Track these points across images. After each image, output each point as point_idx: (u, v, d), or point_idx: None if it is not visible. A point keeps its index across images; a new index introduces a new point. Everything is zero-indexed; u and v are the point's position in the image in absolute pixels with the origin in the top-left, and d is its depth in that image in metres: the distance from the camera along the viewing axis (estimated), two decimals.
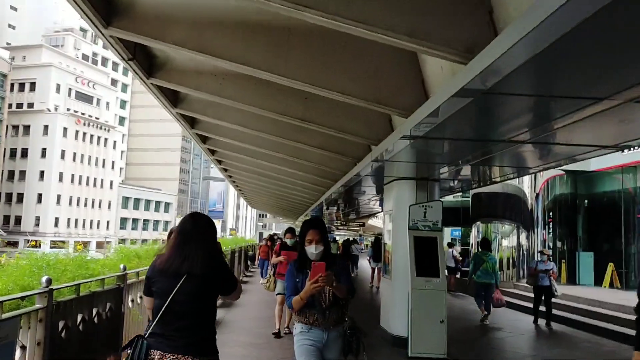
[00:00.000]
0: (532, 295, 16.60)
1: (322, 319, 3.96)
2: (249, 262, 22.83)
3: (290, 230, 9.61)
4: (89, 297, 4.76)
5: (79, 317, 4.51)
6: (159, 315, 3.15)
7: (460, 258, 20.16)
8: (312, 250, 3.98)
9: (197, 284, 3.17)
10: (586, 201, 19.60)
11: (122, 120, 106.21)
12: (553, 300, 15.21)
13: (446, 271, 18.47)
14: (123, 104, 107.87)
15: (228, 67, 6.39)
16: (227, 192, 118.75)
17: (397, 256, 9.40)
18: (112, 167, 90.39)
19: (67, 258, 5.41)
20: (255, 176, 16.36)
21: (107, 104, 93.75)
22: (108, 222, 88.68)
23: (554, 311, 13.99)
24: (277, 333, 9.27)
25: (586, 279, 18.44)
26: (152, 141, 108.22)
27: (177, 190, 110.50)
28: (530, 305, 15.74)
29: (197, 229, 3.33)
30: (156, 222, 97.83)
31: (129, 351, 3.12)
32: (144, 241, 63.66)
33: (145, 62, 6.82)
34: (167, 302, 3.12)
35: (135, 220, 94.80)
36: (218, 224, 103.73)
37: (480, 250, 12.69)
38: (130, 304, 5.88)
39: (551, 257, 12.36)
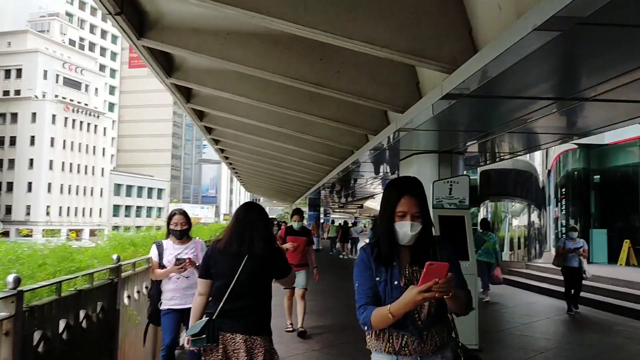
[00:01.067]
0: (545, 275, 15.96)
1: (417, 344, 2.52)
2: None
3: (297, 212, 8.56)
4: (74, 297, 3.84)
5: (62, 324, 3.60)
6: (224, 297, 3.37)
7: None
8: (406, 229, 2.48)
9: (257, 266, 3.44)
10: (599, 176, 18.79)
11: (111, 107, 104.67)
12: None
13: None
14: (112, 90, 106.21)
15: (232, 19, 5.50)
16: (220, 178, 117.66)
17: None
18: (103, 154, 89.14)
19: (45, 248, 4.45)
20: (254, 156, 15.44)
21: (96, 89, 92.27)
22: (100, 209, 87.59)
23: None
24: (291, 329, 8.35)
25: (600, 257, 17.71)
26: (143, 127, 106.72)
27: (169, 176, 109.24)
28: (544, 285, 15.05)
29: (253, 215, 3.61)
30: (149, 209, 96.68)
31: (204, 336, 3.29)
32: (138, 227, 62.41)
33: (134, 18, 5.82)
34: (231, 284, 3.37)
35: (128, 207, 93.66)
36: (211, 209, 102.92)
37: (481, 230, 12.70)
38: (126, 300, 4.99)
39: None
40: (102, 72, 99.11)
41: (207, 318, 3.39)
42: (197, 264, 5.17)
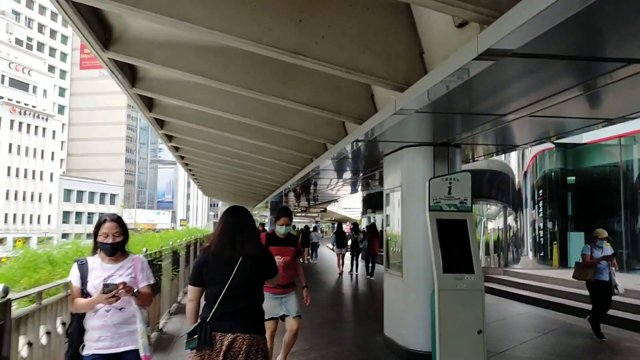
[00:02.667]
0: (525, 282, 15.02)
1: None
2: None
3: (285, 212, 5.96)
4: None
5: None
6: (219, 299, 3.49)
7: None
8: None
9: (250, 267, 3.60)
10: (574, 177, 18.01)
11: (61, 109, 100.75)
12: (555, 287, 13.59)
13: None
14: (62, 92, 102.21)
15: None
16: (176, 182, 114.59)
17: (410, 246, 7.25)
18: (52, 158, 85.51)
19: None
20: (213, 155, 14.02)
21: (45, 91, 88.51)
22: (49, 216, 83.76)
23: (567, 301, 12.35)
24: None
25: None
26: (95, 130, 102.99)
27: (123, 181, 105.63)
28: (525, 293, 14.08)
29: (241, 218, 3.76)
30: (102, 215, 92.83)
31: (196, 337, 3.44)
32: (89, 235, 59.84)
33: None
34: (226, 287, 3.48)
35: (79, 214, 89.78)
36: (168, 214, 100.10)
37: None
38: (24, 350, 3.44)
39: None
40: (52, 72, 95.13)
41: (200, 320, 3.52)
42: (136, 290, 3.76)
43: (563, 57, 3.64)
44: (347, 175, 13.52)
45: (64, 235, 76.70)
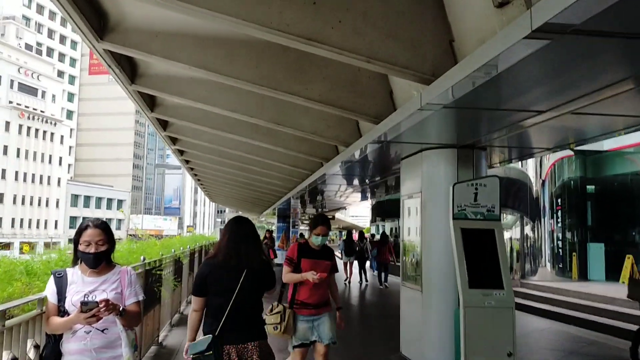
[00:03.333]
0: (543, 294, 14.35)
1: None
2: None
3: (323, 221, 5.01)
4: None
5: None
6: (227, 311, 3.52)
7: None
8: None
9: (254, 279, 3.66)
10: (594, 186, 17.31)
11: (70, 114, 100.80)
12: (576, 301, 12.95)
13: None
14: (71, 97, 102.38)
15: None
16: (184, 188, 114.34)
17: (431, 257, 6.62)
18: (60, 163, 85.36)
19: None
20: (219, 159, 13.48)
21: (53, 96, 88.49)
22: (56, 221, 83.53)
23: (590, 317, 11.69)
24: None
25: (597, 274, 16.20)
26: (103, 136, 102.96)
27: (130, 186, 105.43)
28: (543, 306, 13.41)
29: (246, 229, 3.80)
30: (109, 220, 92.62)
31: (210, 352, 3.41)
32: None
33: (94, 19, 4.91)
34: (233, 299, 3.52)
35: (85, 219, 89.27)
36: (175, 221, 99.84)
37: None
38: None
39: None
40: (61, 78, 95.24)
41: (211, 335, 3.50)
42: (121, 308, 3.19)
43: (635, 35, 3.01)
44: (359, 180, 12.93)
45: (70, 240, 76.15)
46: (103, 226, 3.45)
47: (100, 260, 3.33)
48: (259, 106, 7.87)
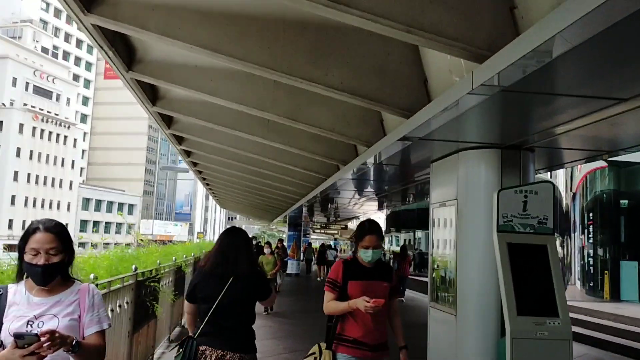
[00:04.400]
0: (575, 316, 13.21)
1: None
2: None
3: (371, 229, 3.73)
4: None
5: None
6: (207, 317, 3.54)
7: None
8: None
9: (242, 288, 3.61)
10: (629, 200, 16.17)
11: (84, 118, 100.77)
12: (609, 324, 11.90)
13: None
14: (85, 101, 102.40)
15: None
16: (195, 194, 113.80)
17: (467, 276, 5.64)
18: (72, 167, 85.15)
19: None
20: (229, 162, 12.66)
21: (68, 99, 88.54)
22: (67, 224, 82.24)
23: None
24: None
25: (630, 294, 15.05)
26: (116, 140, 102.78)
27: (142, 191, 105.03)
28: (575, 329, 12.27)
29: (236, 239, 3.81)
30: (119, 225, 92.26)
31: (181, 350, 3.53)
32: (106, 245, 58.99)
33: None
34: (215, 305, 3.53)
35: (96, 223, 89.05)
36: (185, 227, 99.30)
37: None
38: None
39: None
40: (76, 81, 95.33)
41: (187, 336, 3.64)
42: (75, 341, 2.29)
43: None
44: (377, 187, 12.00)
45: (81, 245, 75.98)
46: (57, 229, 2.55)
47: (51, 276, 2.46)
48: (271, 98, 6.98)
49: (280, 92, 6.66)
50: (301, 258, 29.50)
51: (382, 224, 39.07)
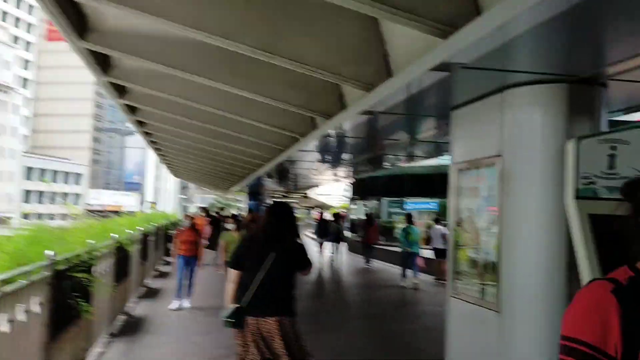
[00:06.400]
0: None
1: None
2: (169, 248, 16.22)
3: None
4: None
5: None
6: (253, 285, 3.85)
7: None
8: None
9: (285, 259, 3.95)
10: None
11: (25, 83, 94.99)
12: None
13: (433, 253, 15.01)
14: (27, 65, 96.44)
15: None
16: (146, 163, 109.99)
17: (518, 260, 4.10)
18: (13, 134, 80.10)
19: None
20: (187, 135, 11.34)
21: (6, 62, 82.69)
22: (10, 195, 78.63)
23: None
24: None
25: None
26: (61, 106, 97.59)
27: (89, 159, 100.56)
28: None
29: (283, 212, 4.16)
30: (65, 195, 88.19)
31: (233, 320, 3.86)
32: (51, 217, 55.44)
33: None
34: (260, 274, 3.85)
35: (41, 193, 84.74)
36: (136, 196, 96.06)
37: (407, 224, 14.20)
38: None
39: None
40: (15, 43, 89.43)
41: (237, 305, 3.91)
42: None
43: None
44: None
45: (25, 216, 71.98)
46: None
47: None
48: (227, 71, 6.63)
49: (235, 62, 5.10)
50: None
51: (339, 192, 37.59)
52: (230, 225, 10.76)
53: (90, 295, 5.49)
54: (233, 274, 4.06)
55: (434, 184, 23.05)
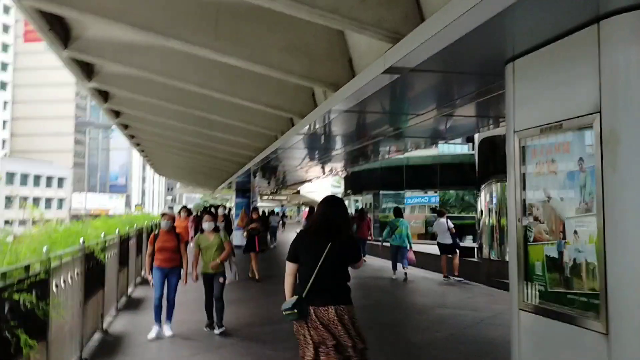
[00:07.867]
0: None
1: None
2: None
3: None
4: None
5: None
6: (311, 278, 3.94)
7: (455, 231, 14.04)
8: None
9: (339, 251, 4.03)
10: None
11: (3, 85, 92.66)
12: None
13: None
14: (4, 67, 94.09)
15: None
16: (131, 165, 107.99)
17: (636, 260, 2.91)
18: None
19: None
20: (171, 135, 10.49)
21: None
22: None
23: None
24: None
25: None
26: (42, 109, 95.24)
27: (72, 163, 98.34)
28: None
29: (338, 207, 4.28)
30: (48, 200, 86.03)
31: (295, 311, 3.90)
32: (34, 222, 53.62)
33: None
34: (317, 267, 3.94)
35: (23, 199, 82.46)
36: (122, 199, 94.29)
37: (394, 217, 13.89)
38: None
39: None
40: None
41: (298, 296, 3.96)
42: None
43: None
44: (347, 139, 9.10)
45: (7, 222, 69.92)
46: None
47: None
48: (207, 75, 7.09)
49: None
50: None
51: (327, 188, 36.58)
52: (206, 225, 7.80)
53: (39, 320, 4.20)
54: (290, 266, 4.15)
55: (434, 175, 22.08)
